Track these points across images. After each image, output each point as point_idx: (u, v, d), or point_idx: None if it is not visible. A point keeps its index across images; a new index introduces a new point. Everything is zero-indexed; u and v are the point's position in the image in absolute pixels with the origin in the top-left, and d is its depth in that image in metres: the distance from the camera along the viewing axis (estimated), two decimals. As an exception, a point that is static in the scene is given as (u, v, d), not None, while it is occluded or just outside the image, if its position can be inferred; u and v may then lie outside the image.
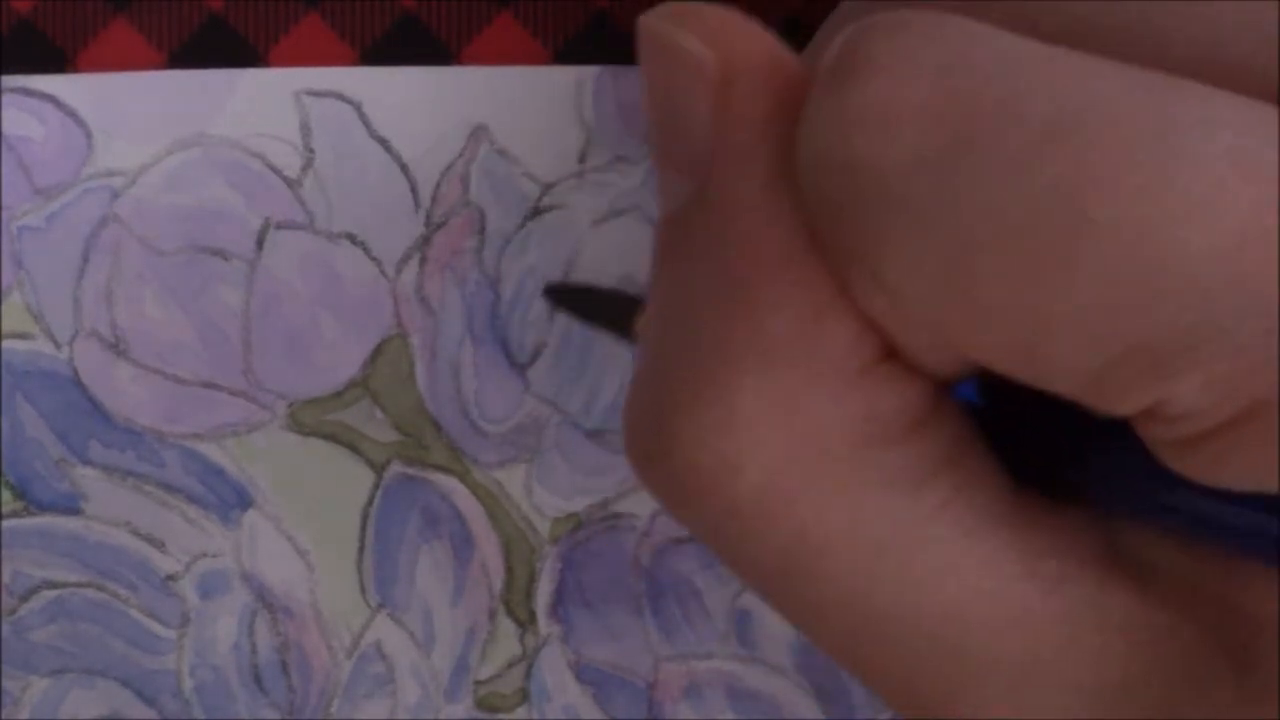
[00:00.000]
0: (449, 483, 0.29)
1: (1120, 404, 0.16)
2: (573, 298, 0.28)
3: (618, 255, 0.29)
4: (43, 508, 0.29)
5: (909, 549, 0.17)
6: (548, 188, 0.29)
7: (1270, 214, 0.14)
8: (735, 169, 0.17)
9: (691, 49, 0.18)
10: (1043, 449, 0.18)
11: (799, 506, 0.17)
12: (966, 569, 0.17)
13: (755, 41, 0.18)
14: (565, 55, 0.28)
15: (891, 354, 0.17)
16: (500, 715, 0.29)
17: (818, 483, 0.17)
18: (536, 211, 0.29)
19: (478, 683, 0.29)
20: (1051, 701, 0.17)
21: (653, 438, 0.18)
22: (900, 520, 0.17)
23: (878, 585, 0.17)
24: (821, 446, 0.17)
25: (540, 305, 0.29)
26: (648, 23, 0.18)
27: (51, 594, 0.29)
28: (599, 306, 0.27)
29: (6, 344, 0.29)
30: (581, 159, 0.29)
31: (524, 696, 0.29)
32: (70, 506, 0.29)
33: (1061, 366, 0.16)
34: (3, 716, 0.29)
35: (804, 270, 0.17)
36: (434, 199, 0.29)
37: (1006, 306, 0.15)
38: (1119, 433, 0.17)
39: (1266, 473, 0.16)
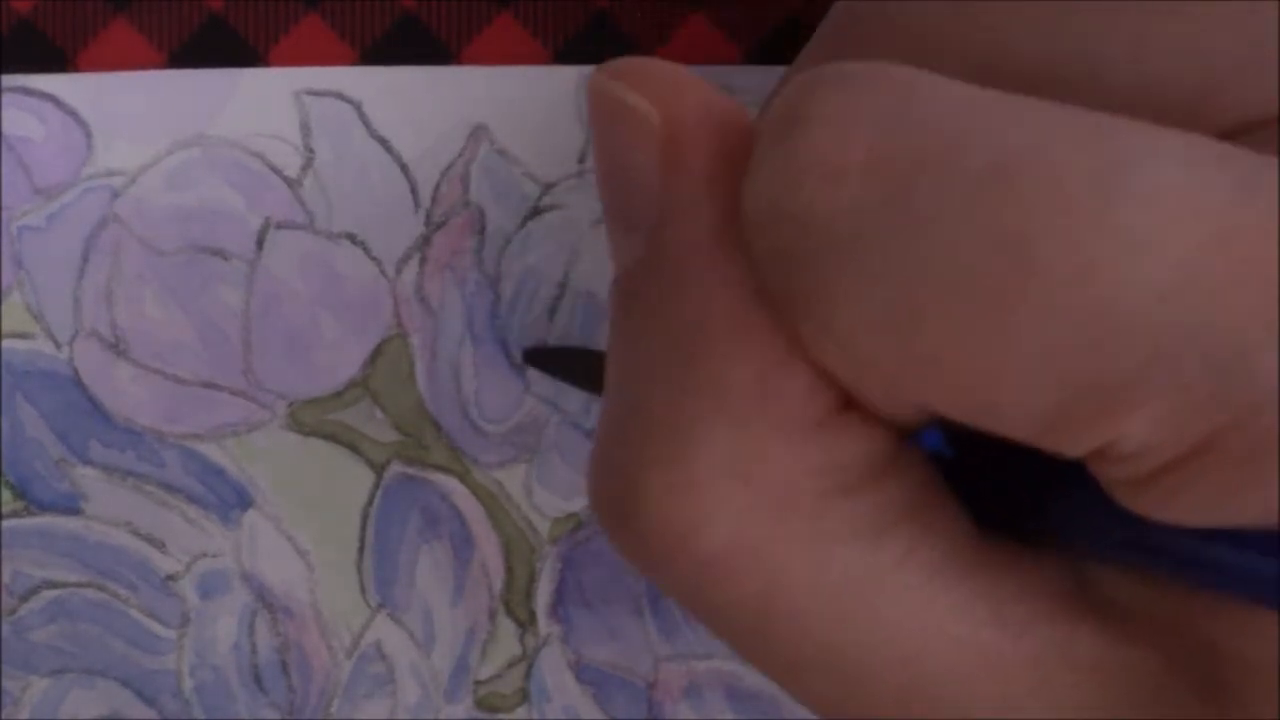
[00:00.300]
0: (449, 483, 0.29)
1: (1072, 445, 0.16)
2: (550, 359, 0.28)
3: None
4: (43, 508, 0.29)
5: (875, 598, 0.17)
6: (548, 188, 0.29)
7: (1212, 249, 0.14)
8: (683, 224, 0.17)
9: (635, 105, 0.18)
10: (1007, 493, 0.19)
11: (764, 561, 0.17)
12: (934, 616, 0.17)
13: (699, 96, 0.18)
14: (565, 55, 0.28)
15: (849, 404, 0.17)
16: (500, 715, 0.29)
17: (781, 536, 0.17)
18: (536, 211, 0.29)
19: (478, 683, 0.29)
20: None
21: (616, 500, 0.18)
22: (865, 570, 0.17)
23: (848, 635, 0.17)
24: (782, 499, 0.17)
25: (540, 305, 0.29)
26: (595, 81, 0.18)
27: (51, 594, 0.29)
28: (578, 366, 0.27)
29: (6, 344, 0.29)
30: (581, 159, 0.29)
31: (524, 696, 0.29)
32: (70, 506, 0.29)
33: (1012, 411, 0.16)
34: (3, 716, 0.29)
35: (756, 324, 0.17)
36: (434, 199, 0.29)
37: (954, 354, 0.15)
38: (1078, 474, 0.17)
39: (1218, 508, 0.16)
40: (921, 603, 0.17)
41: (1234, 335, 0.14)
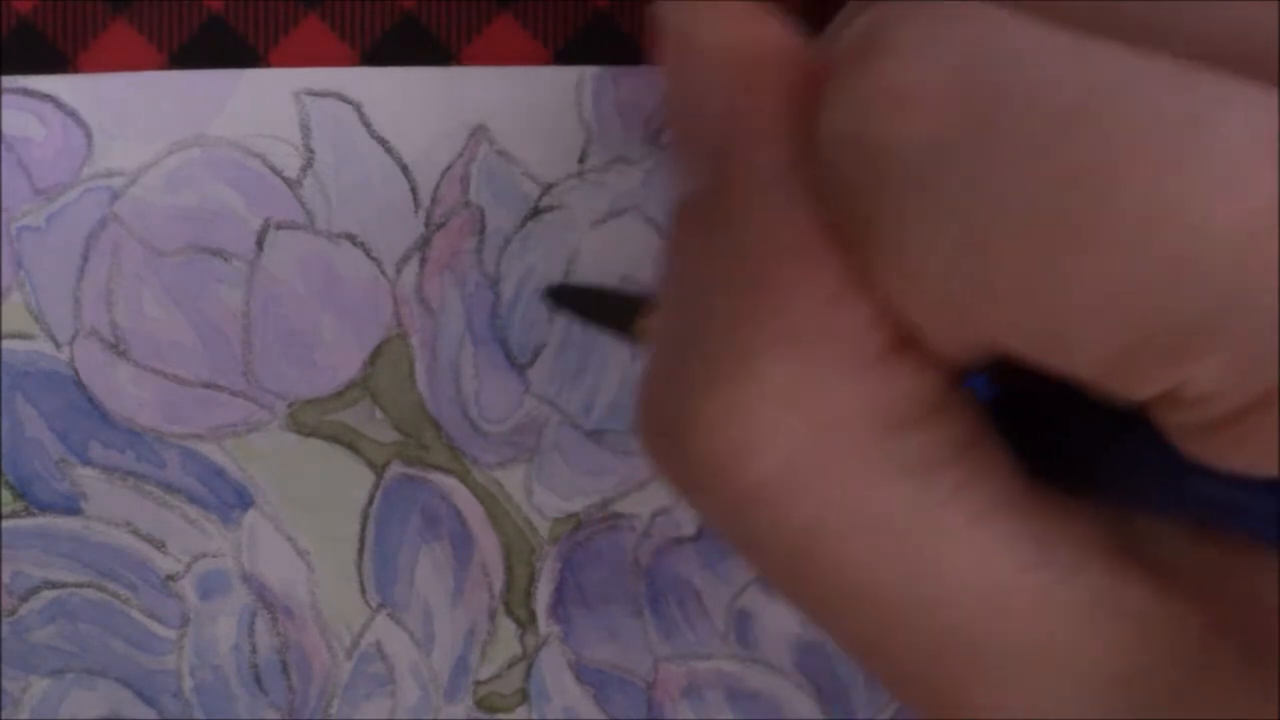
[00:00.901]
0: (449, 483, 0.29)
1: (1139, 388, 0.16)
2: (573, 298, 0.28)
3: (618, 255, 0.29)
4: (43, 508, 0.29)
5: (922, 536, 0.17)
6: (548, 188, 0.29)
7: None
8: (754, 154, 0.17)
9: (708, 37, 0.18)
10: (1054, 443, 0.19)
11: (815, 491, 0.17)
12: (979, 558, 0.17)
13: (770, 28, 0.18)
14: (565, 55, 0.28)
15: (907, 340, 0.17)
16: (500, 715, 0.29)
17: (833, 467, 0.17)
18: (536, 212, 0.29)
19: (477, 683, 0.29)
20: (1065, 691, 0.17)
21: (668, 422, 0.18)
22: (914, 507, 0.17)
23: (891, 573, 0.17)
24: (838, 430, 0.17)
25: (540, 305, 0.29)
26: (664, 10, 0.18)
27: (51, 594, 0.29)
28: (600, 306, 0.27)
29: (6, 344, 0.29)
30: (581, 159, 0.29)
31: (524, 697, 0.29)
32: (70, 507, 0.29)
33: (1080, 349, 0.16)
34: (3, 717, 0.29)
35: (822, 254, 0.17)
36: (434, 199, 0.29)
37: (1025, 288, 0.15)
38: (1130, 425, 0.17)
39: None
40: (967, 543, 0.17)
41: None
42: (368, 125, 0.28)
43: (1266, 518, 0.17)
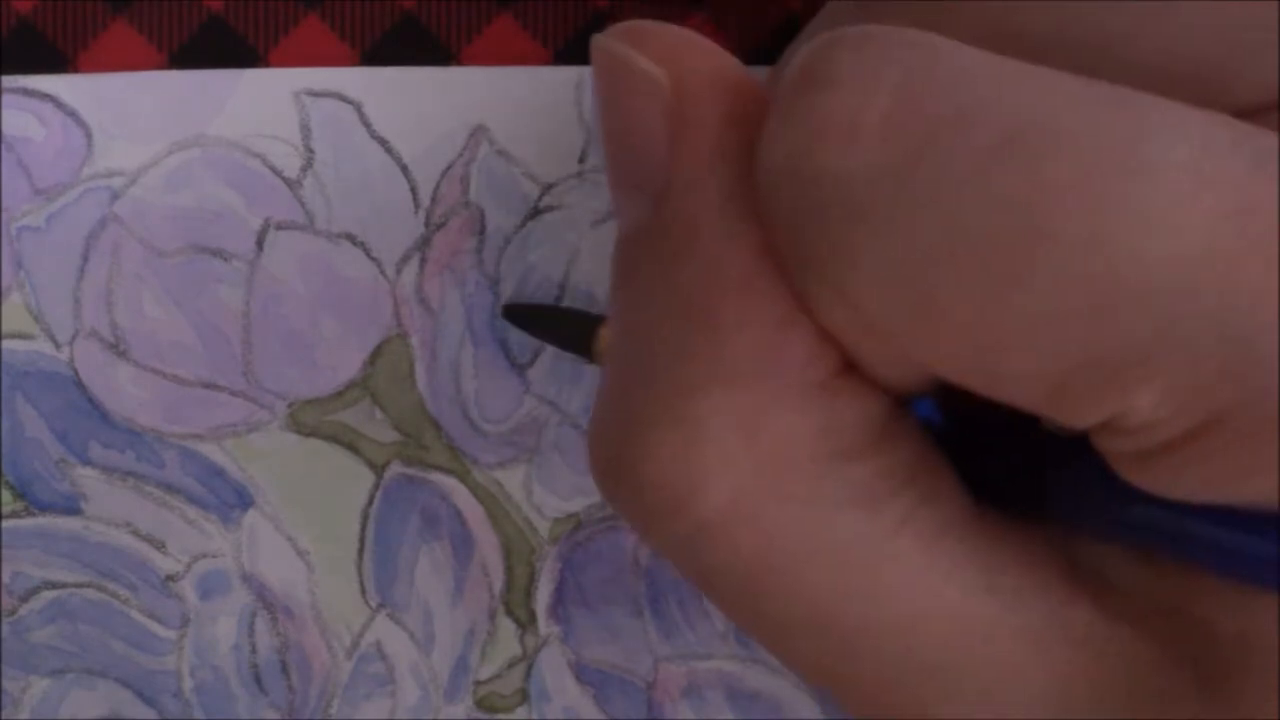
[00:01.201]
0: (449, 483, 0.29)
1: (1078, 416, 0.16)
2: (531, 316, 0.28)
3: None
4: (43, 508, 0.29)
5: (872, 564, 0.17)
6: (548, 188, 0.29)
7: (1226, 224, 0.15)
8: (692, 187, 0.17)
9: (644, 68, 0.18)
10: (1002, 468, 0.19)
11: (763, 523, 0.17)
12: (929, 583, 0.17)
13: (709, 59, 0.18)
14: (565, 55, 0.28)
15: (851, 368, 0.17)
16: (500, 715, 0.29)
17: (781, 499, 0.17)
18: (536, 212, 0.29)
19: (477, 683, 0.29)
20: (1017, 714, 0.17)
21: (617, 457, 0.18)
22: (862, 535, 0.17)
23: (843, 601, 0.17)
24: (784, 462, 0.17)
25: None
26: (601, 42, 0.18)
27: (51, 594, 0.29)
28: (558, 325, 0.27)
29: (6, 344, 0.29)
30: (581, 159, 0.29)
31: (524, 697, 0.29)
32: (70, 507, 0.29)
33: (1019, 377, 0.16)
34: (3, 717, 0.29)
35: (763, 286, 0.17)
36: (434, 199, 0.29)
37: (964, 317, 0.16)
38: (1076, 450, 0.17)
39: (1222, 486, 0.16)
40: (918, 570, 0.17)
41: (1244, 313, 0.15)
42: (368, 125, 0.28)
43: (1208, 545, 0.17)
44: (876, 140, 0.16)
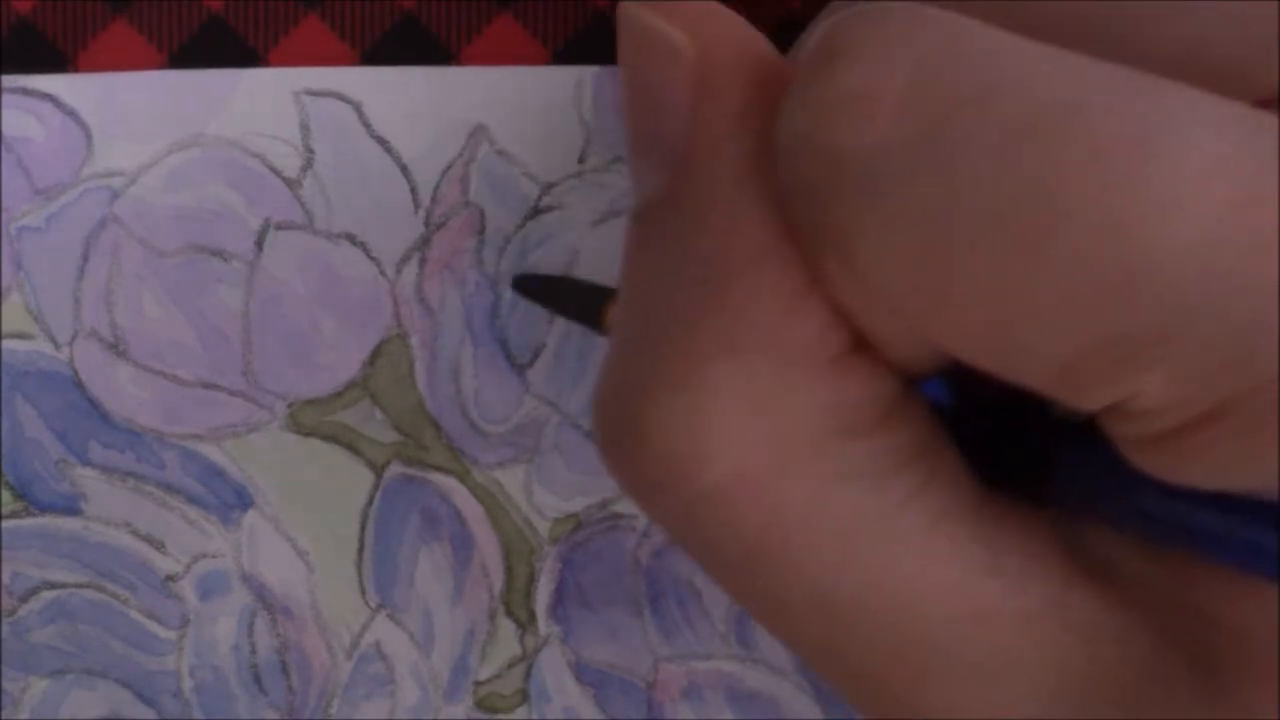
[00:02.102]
0: (449, 483, 0.29)
1: (1089, 397, 0.16)
2: (542, 288, 0.28)
3: (617, 255, 0.29)
4: (42, 508, 0.29)
5: (874, 542, 0.17)
6: (547, 188, 0.29)
7: (1241, 213, 0.15)
8: (711, 157, 0.18)
9: (670, 37, 0.18)
10: (1008, 452, 0.19)
11: (769, 496, 0.17)
12: (931, 563, 0.17)
13: (734, 31, 0.18)
14: (564, 55, 0.28)
15: (861, 346, 0.17)
16: (500, 716, 0.29)
17: (786, 473, 0.17)
18: (536, 212, 0.29)
19: (477, 683, 0.29)
20: (1016, 699, 0.17)
21: (622, 427, 0.18)
22: (867, 512, 0.17)
23: (843, 578, 0.17)
24: (791, 436, 0.17)
25: (540, 307, 0.29)
26: (627, 10, 0.18)
27: (51, 595, 0.29)
28: (569, 297, 0.27)
29: (6, 344, 0.29)
30: (581, 159, 0.29)
31: (524, 697, 0.29)
32: (70, 507, 0.29)
33: (1030, 356, 0.16)
34: (3, 717, 0.29)
35: (776, 259, 0.17)
36: (434, 199, 0.29)
37: (977, 293, 0.16)
38: (1083, 436, 0.17)
39: (1229, 472, 0.16)
40: (921, 548, 0.17)
41: (1255, 300, 0.15)
42: (367, 125, 0.28)
43: (1213, 534, 0.17)
44: (894, 115, 0.16)
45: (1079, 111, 0.15)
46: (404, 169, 0.29)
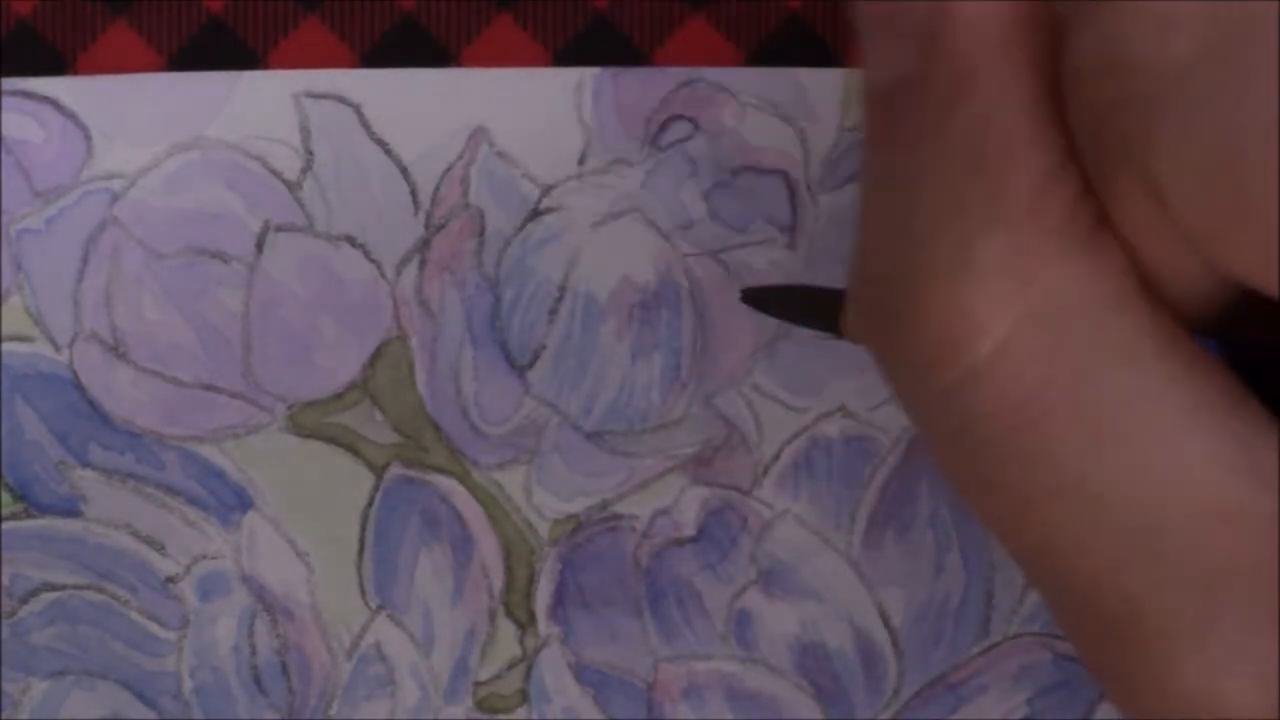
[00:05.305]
0: (449, 484, 0.29)
1: None
2: (773, 299, 0.27)
3: (617, 257, 0.29)
4: (42, 510, 0.29)
5: (1132, 423, 0.17)
6: (547, 190, 0.29)
7: None
8: (972, 26, 0.17)
9: None
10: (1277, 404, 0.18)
11: (1035, 369, 0.17)
12: (1188, 456, 0.17)
13: None
14: (564, 57, 0.28)
15: (1108, 221, 0.17)
16: (500, 716, 0.29)
17: (1054, 346, 0.17)
18: (536, 213, 0.29)
19: (477, 684, 0.29)
20: (1242, 610, 0.17)
21: (887, 312, 0.18)
22: (1129, 393, 0.17)
23: (1096, 465, 0.17)
24: (1058, 308, 0.17)
25: (540, 307, 0.29)
26: None
27: (51, 596, 0.29)
28: (800, 304, 0.27)
29: (6, 347, 0.29)
30: (581, 161, 0.29)
31: (523, 698, 0.29)
32: (70, 509, 0.29)
33: None
34: (2, 719, 0.29)
35: (1035, 131, 0.17)
36: (434, 201, 0.29)
37: (1274, 207, 0.15)
38: None
39: None
40: (1178, 439, 0.17)
41: None
42: (367, 127, 0.28)
43: None
44: (1197, 26, 0.16)
45: None
46: (404, 171, 0.29)
